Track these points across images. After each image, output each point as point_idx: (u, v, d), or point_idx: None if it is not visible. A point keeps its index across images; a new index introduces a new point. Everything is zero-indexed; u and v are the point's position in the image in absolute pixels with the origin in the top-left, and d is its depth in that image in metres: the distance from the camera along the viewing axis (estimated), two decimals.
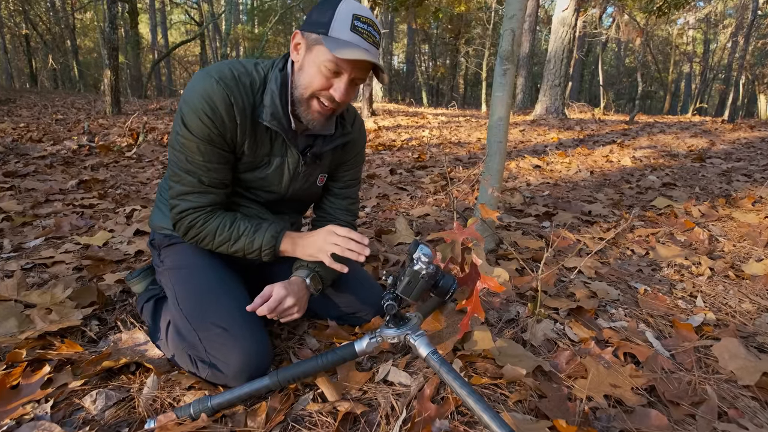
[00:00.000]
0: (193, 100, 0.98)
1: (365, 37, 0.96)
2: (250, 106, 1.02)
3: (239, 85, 1.00)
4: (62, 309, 1.25)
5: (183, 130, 1.00)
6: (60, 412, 0.91)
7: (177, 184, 1.05)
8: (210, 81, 0.97)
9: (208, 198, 1.06)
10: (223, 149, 1.04)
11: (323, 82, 0.98)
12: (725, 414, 0.97)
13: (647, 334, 1.29)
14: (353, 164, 1.28)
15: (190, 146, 1.00)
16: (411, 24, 16.68)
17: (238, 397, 0.92)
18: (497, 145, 1.77)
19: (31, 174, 3.02)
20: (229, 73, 0.99)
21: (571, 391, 1.01)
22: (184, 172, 1.03)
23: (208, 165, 1.03)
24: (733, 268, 1.79)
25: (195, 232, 1.07)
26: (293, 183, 1.16)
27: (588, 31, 12.42)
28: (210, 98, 0.97)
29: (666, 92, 20.32)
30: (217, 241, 1.08)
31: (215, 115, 0.98)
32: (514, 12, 1.67)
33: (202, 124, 0.98)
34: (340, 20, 0.94)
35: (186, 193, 1.05)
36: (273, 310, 1.03)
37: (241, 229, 1.08)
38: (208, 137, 1.00)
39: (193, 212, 1.06)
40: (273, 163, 1.11)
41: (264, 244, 1.08)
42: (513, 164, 3.96)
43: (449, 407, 0.95)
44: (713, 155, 4.43)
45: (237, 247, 1.09)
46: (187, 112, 0.99)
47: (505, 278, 1.50)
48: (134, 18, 11.19)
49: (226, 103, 0.98)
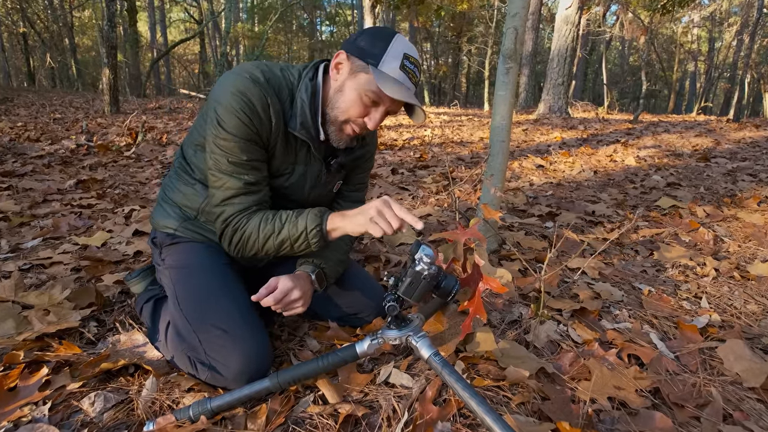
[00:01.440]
0: (228, 99, 0.97)
1: (410, 77, 0.99)
2: (281, 111, 1.02)
3: (272, 87, 1.00)
4: (60, 310, 1.25)
5: (221, 132, 0.98)
6: (58, 415, 0.91)
7: (219, 189, 1.02)
8: (245, 79, 0.97)
9: (252, 198, 1.04)
10: (261, 146, 1.03)
11: (361, 110, 1.01)
12: (730, 416, 0.97)
13: (651, 335, 1.28)
14: (364, 169, 1.31)
15: (231, 147, 0.99)
16: (413, 22, 16.65)
17: (238, 399, 0.92)
18: (500, 145, 1.76)
19: (29, 174, 3.01)
20: (261, 75, 0.99)
21: (575, 393, 1.00)
22: (226, 176, 1.01)
23: (252, 163, 1.02)
24: (738, 268, 1.78)
25: (239, 235, 1.04)
26: (314, 190, 1.17)
27: (591, 29, 12.37)
28: (246, 96, 0.97)
29: (670, 91, 20.23)
30: (262, 235, 1.03)
31: (253, 112, 0.98)
32: (516, 10, 1.66)
33: (240, 122, 0.97)
34: (392, 56, 0.96)
35: (230, 197, 1.02)
36: (279, 301, 1.02)
37: (283, 218, 1.04)
38: (248, 135, 0.99)
39: (238, 215, 1.04)
40: (296, 172, 1.12)
41: (309, 222, 1.01)
42: (516, 164, 3.95)
43: (451, 409, 0.94)
44: (718, 155, 4.40)
45: (282, 236, 1.03)
46: (222, 113, 0.97)
47: (507, 279, 1.49)
48: (133, 16, 11.19)
49: (263, 102, 0.98)
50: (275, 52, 24.49)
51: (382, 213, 0.94)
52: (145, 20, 21.87)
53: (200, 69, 18.80)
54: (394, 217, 0.94)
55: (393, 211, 0.94)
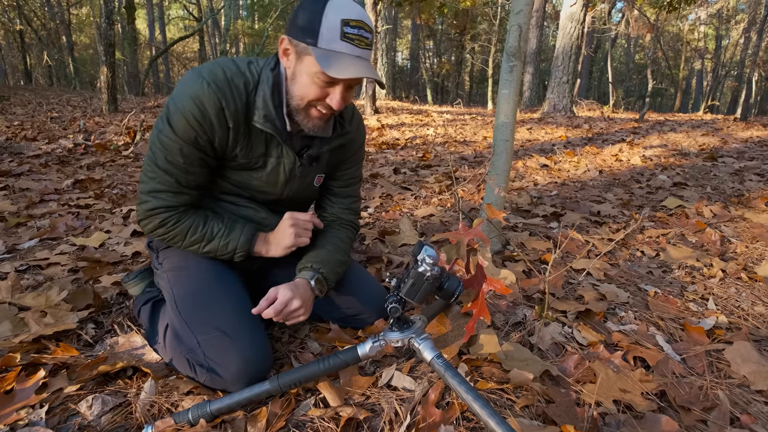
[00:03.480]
0: (182, 102, 0.95)
1: (357, 44, 0.92)
2: (243, 108, 1.00)
3: (231, 86, 0.97)
4: (57, 312, 1.24)
5: (167, 130, 0.97)
6: (55, 418, 0.90)
7: (151, 180, 1.02)
8: (201, 83, 0.95)
9: (181, 198, 1.04)
10: (206, 154, 1.01)
11: (318, 92, 0.96)
12: (737, 420, 0.96)
13: (657, 337, 1.27)
14: (353, 162, 1.26)
15: (173, 147, 0.98)
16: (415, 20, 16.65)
17: (238, 402, 0.91)
18: (504, 144, 1.75)
19: (26, 173, 3.01)
20: (221, 75, 0.96)
21: (580, 396, 0.99)
22: (161, 171, 1.00)
23: (188, 168, 1.01)
24: (745, 270, 1.76)
25: (164, 230, 1.06)
26: (289, 184, 1.15)
27: (597, 26, 12.30)
28: (200, 101, 0.95)
29: (677, 89, 20.08)
30: (187, 240, 1.07)
31: (204, 119, 0.96)
32: (521, 7, 1.65)
33: (189, 126, 0.96)
34: (329, 28, 0.89)
35: (160, 191, 1.02)
36: (279, 313, 1.01)
37: (214, 231, 1.07)
38: (194, 141, 0.98)
39: (165, 211, 1.04)
40: (268, 165, 1.09)
41: (239, 246, 1.08)
42: (520, 163, 3.93)
43: (454, 413, 0.93)
44: (725, 154, 4.37)
45: (209, 248, 1.08)
46: (174, 112, 0.96)
47: (511, 280, 1.48)
48: (131, 13, 11.12)
49: (216, 108, 0.96)
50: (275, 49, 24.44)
51: (298, 225, 1.10)
52: (143, 17, 21.83)
53: None
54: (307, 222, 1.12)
55: (303, 219, 1.12)
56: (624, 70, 24.40)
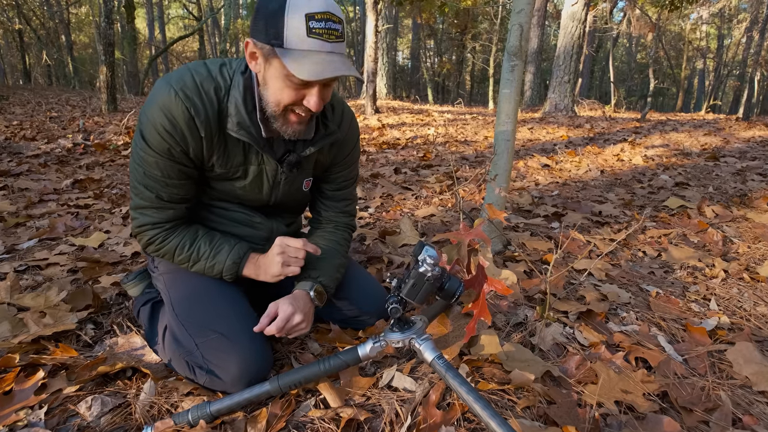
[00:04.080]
0: (152, 113, 0.91)
1: (326, 38, 0.84)
2: (215, 116, 0.95)
3: (201, 93, 0.92)
4: (56, 312, 1.23)
5: (141, 143, 0.94)
6: (54, 419, 0.90)
7: (136, 196, 1.00)
8: (168, 92, 0.90)
9: (166, 214, 1.01)
10: (184, 164, 0.98)
11: (293, 96, 0.90)
12: (739, 421, 0.95)
13: (659, 338, 1.26)
14: (346, 164, 1.20)
15: (149, 160, 0.95)
16: (416, 19, 16.62)
17: (238, 403, 0.91)
18: (505, 144, 1.74)
19: (25, 173, 3.00)
20: (190, 82, 0.92)
21: (581, 397, 0.99)
22: (142, 186, 0.98)
23: (167, 181, 0.97)
24: (747, 270, 1.76)
25: (154, 248, 1.04)
26: (275, 191, 1.11)
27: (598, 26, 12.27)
28: (169, 111, 0.91)
29: (678, 89, 20.05)
30: (176, 259, 1.05)
31: (175, 130, 0.92)
32: (522, 6, 1.64)
33: (161, 138, 0.92)
34: (293, 27, 0.82)
35: (144, 207, 1.00)
36: (281, 329, 0.99)
37: (200, 252, 1.04)
38: (168, 153, 0.94)
39: (152, 228, 1.01)
40: (249, 173, 1.05)
41: (225, 270, 1.05)
42: (521, 163, 3.92)
43: (455, 413, 0.93)
44: (727, 154, 4.35)
45: (197, 268, 1.06)
46: (145, 124, 0.93)
47: (512, 281, 1.48)
48: (131, 12, 11.07)
49: (186, 117, 0.92)
50: None
51: (286, 253, 1.03)
52: (143, 17, 21.75)
53: None
54: (298, 250, 1.04)
55: (294, 247, 1.04)
56: (626, 69, 24.36)
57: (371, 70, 7.48)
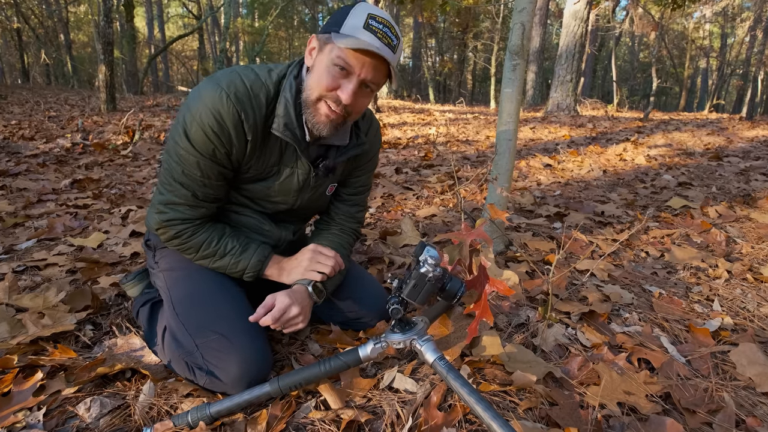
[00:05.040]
0: (200, 113, 0.92)
1: (380, 37, 0.89)
2: (262, 119, 0.97)
3: (251, 98, 0.94)
4: (55, 313, 1.23)
5: (184, 143, 0.94)
6: (53, 420, 0.90)
7: (168, 192, 1.00)
8: (220, 94, 0.91)
9: (199, 212, 1.02)
10: (224, 167, 0.99)
11: (330, 81, 0.92)
12: (743, 422, 0.95)
13: (662, 339, 1.26)
14: (365, 170, 1.24)
15: (190, 160, 0.95)
16: (417, 17, 16.59)
17: (238, 404, 0.91)
18: (506, 143, 1.74)
19: (23, 173, 3.00)
20: (241, 85, 0.93)
21: (584, 399, 0.98)
22: (178, 184, 0.98)
23: (205, 181, 0.99)
24: (751, 270, 1.75)
25: (179, 242, 1.04)
26: (302, 194, 1.12)
27: (601, 24, 12.23)
28: (219, 114, 0.92)
29: (681, 88, 19.97)
30: (200, 254, 1.05)
31: (223, 132, 0.93)
32: (523, 5, 1.63)
33: (207, 140, 0.93)
34: (355, 16, 0.90)
35: (176, 203, 1.00)
36: (277, 320, 1.00)
37: (228, 248, 1.05)
38: (212, 154, 0.95)
39: (182, 223, 1.02)
40: (282, 174, 1.07)
41: (249, 267, 1.07)
42: (523, 163, 3.91)
43: (457, 415, 0.93)
44: (731, 153, 4.34)
45: (220, 264, 1.06)
46: (190, 124, 0.93)
47: (514, 281, 1.47)
48: (130, 11, 11.06)
49: (235, 120, 0.93)
50: (276, 48, 24.38)
51: (316, 259, 1.10)
52: (142, 15, 21.66)
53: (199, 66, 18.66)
54: (328, 258, 1.11)
55: (325, 254, 1.11)
56: (628, 68, 24.30)
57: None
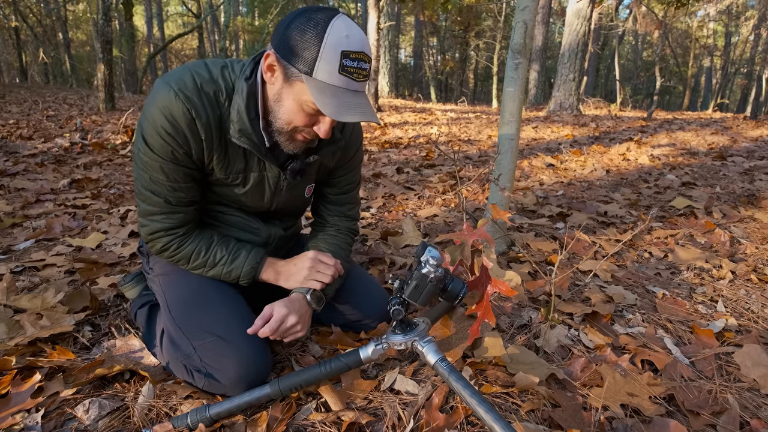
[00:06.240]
0: (153, 115, 0.89)
1: (355, 77, 0.84)
2: (216, 119, 0.93)
3: (202, 95, 0.90)
4: (53, 314, 1.22)
5: (144, 148, 0.92)
6: (51, 422, 0.89)
7: (143, 203, 0.98)
8: (168, 93, 0.88)
9: (177, 218, 1.00)
10: (188, 167, 0.96)
11: (306, 120, 0.90)
12: (747, 424, 0.94)
13: (666, 340, 1.25)
14: (348, 168, 1.20)
15: (153, 165, 0.93)
16: (419, 16, 16.58)
17: (238, 406, 0.90)
18: (509, 143, 1.73)
19: (21, 173, 2.99)
20: (190, 83, 0.90)
21: (587, 400, 0.98)
22: (149, 192, 0.96)
23: (173, 185, 0.96)
24: (755, 271, 1.74)
25: (168, 254, 1.03)
26: (276, 198, 1.10)
27: (604, 23, 12.20)
28: (170, 114, 0.89)
29: (685, 87, 19.89)
30: (191, 265, 1.05)
31: (177, 132, 0.90)
32: (526, 3, 1.63)
33: (164, 142, 0.90)
34: (327, 60, 0.81)
35: (153, 213, 0.98)
36: (275, 331, 0.99)
37: (217, 257, 1.04)
38: (172, 155, 0.92)
39: (165, 234, 1.00)
40: (250, 180, 1.03)
41: (242, 275, 1.05)
42: (525, 163, 3.90)
43: (458, 417, 0.92)
44: (735, 153, 4.32)
45: (213, 273, 1.05)
46: (146, 128, 0.91)
47: (517, 282, 1.47)
48: (129, 9, 11.05)
49: (187, 119, 0.90)
50: None
51: (316, 268, 1.08)
52: (141, 14, 21.60)
53: None
54: (328, 267, 1.08)
55: (325, 263, 1.08)
56: (631, 67, 24.22)
57: (373, 68, 7.47)
